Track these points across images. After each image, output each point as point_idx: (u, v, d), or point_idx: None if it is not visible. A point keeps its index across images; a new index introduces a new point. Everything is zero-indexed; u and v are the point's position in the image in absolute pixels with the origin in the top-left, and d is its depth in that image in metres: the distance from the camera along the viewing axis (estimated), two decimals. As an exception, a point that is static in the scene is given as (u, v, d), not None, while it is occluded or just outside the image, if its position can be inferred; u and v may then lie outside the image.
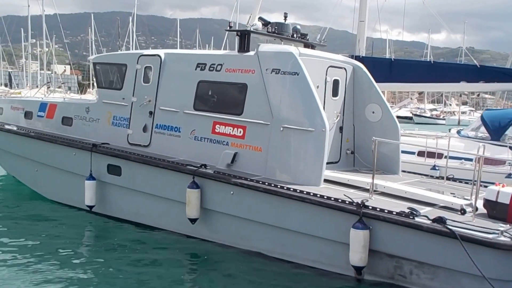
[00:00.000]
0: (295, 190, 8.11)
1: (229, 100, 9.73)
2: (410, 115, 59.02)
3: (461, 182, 10.15)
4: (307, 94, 8.82)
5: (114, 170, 10.43)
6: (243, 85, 9.45)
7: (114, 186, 10.56)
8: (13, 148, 12.61)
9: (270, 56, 9.28)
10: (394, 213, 7.21)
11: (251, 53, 9.60)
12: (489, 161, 13.30)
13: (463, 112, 56.35)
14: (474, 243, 6.57)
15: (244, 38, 9.78)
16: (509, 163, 13.38)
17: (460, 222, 6.92)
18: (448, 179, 10.23)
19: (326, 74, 9.96)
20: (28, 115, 12.82)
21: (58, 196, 11.91)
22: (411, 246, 7.16)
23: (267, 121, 9.07)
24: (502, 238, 6.51)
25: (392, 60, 17.93)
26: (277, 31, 10.36)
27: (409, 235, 7.10)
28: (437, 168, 13.37)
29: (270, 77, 9.11)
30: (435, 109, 60.27)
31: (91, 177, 10.58)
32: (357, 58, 17.20)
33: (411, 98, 18.96)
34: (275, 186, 8.31)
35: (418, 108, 62.16)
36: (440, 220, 6.86)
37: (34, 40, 49.85)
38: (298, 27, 10.96)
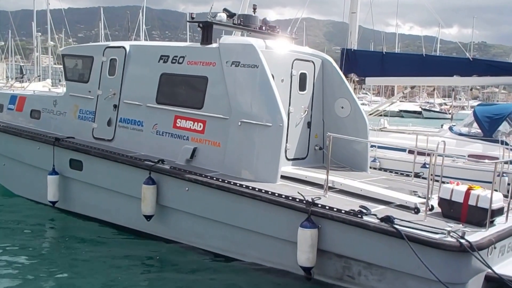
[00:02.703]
0: (247, 187, 7.81)
1: (190, 94, 9.46)
2: (419, 109, 58.08)
3: (436, 181, 9.72)
4: (265, 88, 8.49)
5: (76, 165, 10.23)
6: (203, 78, 9.16)
7: (76, 181, 10.36)
8: None
9: (231, 48, 8.98)
10: (343, 211, 6.87)
11: (214, 45, 9.32)
12: (481, 159, 12.81)
13: (473, 107, 54.99)
14: (420, 243, 6.22)
15: (206, 30, 9.48)
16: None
17: (409, 222, 6.57)
18: (417, 176, 9.84)
19: (292, 68, 9.61)
20: None
21: (25, 191, 11.75)
22: (359, 246, 6.83)
23: (226, 116, 8.78)
24: (449, 239, 6.14)
25: (384, 53, 17.45)
26: (243, 23, 10.03)
27: (357, 235, 6.77)
28: (427, 166, 12.90)
29: (230, 70, 8.81)
30: (444, 103, 59.29)
31: (54, 172, 10.38)
32: (349, 51, 16.82)
33: (403, 93, 18.42)
34: (228, 182, 8.03)
35: (428, 102, 61.16)
36: (387, 220, 6.52)
37: (41, 34, 50.16)
38: (268, 19, 10.63)
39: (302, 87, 9.83)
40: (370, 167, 10.80)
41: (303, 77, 9.83)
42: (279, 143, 8.26)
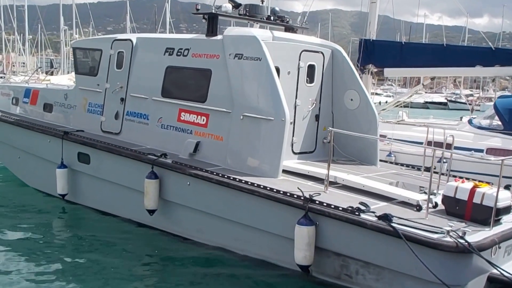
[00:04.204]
0: (246, 182, 7.67)
1: (194, 87, 9.35)
2: (445, 101, 56.62)
3: (443, 174, 9.38)
4: (268, 81, 8.30)
5: (83, 158, 10.28)
6: (207, 71, 9.04)
7: (84, 175, 10.42)
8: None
9: (234, 40, 8.82)
10: (340, 208, 6.66)
11: (218, 37, 9.17)
12: (501, 152, 12.31)
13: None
14: (417, 243, 5.97)
15: (211, 22, 9.34)
16: None
17: (408, 220, 6.31)
18: (428, 170, 9.46)
19: (300, 59, 9.39)
20: (15, 101, 12.87)
21: (38, 184, 11.91)
22: (356, 244, 6.61)
23: (229, 109, 8.64)
24: (447, 239, 5.87)
25: (403, 43, 16.95)
26: (249, 14, 9.86)
27: (355, 233, 6.55)
28: (444, 161, 12.46)
29: (233, 62, 8.66)
30: (471, 95, 57.69)
31: (63, 165, 10.46)
32: (367, 41, 16.40)
33: (423, 84, 17.84)
34: (228, 177, 7.90)
35: (454, 93, 59.53)
36: (385, 218, 6.28)
37: (67, 28, 50.88)
38: (277, 9, 10.42)
39: (310, 79, 9.61)
40: (386, 162, 10.53)
41: (311, 69, 9.60)
42: (281, 138, 8.07)
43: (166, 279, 7.74)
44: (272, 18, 10.14)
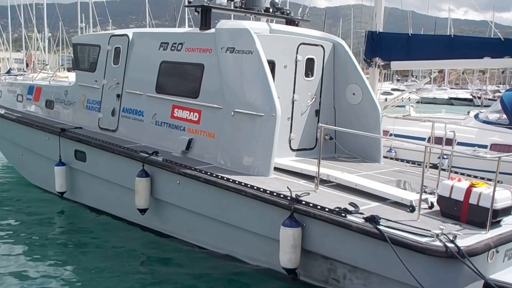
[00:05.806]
0: (234, 181, 7.37)
1: (187, 83, 9.10)
2: (470, 97, 55.20)
3: (445, 171, 8.91)
4: (259, 75, 7.98)
5: (80, 156, 10.14)
6: (200, 66, 8.77)
7: (81, 173, 10.28)
8: (3, 132, 12.68)
9: (225, 33, 8.53)
10: (326, 209, 6.32)
11: (211, 30, 8.90)
12: (505, 148, 11.73)
13: None
14: (404, 247, 5.59)
15: (205, 15, 9.07)
16: None
17: (396, 222, 5.94)
18: (435, 167, 9.00)
19: (297, 53, 9.06)
20: (19, 98, 12.85)
21: (39, 181, 11.86)
22: (343, 247, 6.26)
23: (220, 105, 8.37)
24: (436, 243, 5.48)
25: (410, 35, 16.40)
26: (246, 6, 9.56)
27: (341, 236, 6.20)
28: (445, 157, 11.93)
29: (224, 56, 8.38)
30: (498, 91, 55.99)
31: (61, 163, 10.33)
32: (373, 33, 15.91)
33: (430, 77, 17.19)
34: (216, 176, 7.62)
35: (480, 89, 57.96)
36: (371, 220, 5.92)
37: (84, 25, 51.22)
38: (276, 0, 10.09)
39: (309, 73, 9.27)
40: (389, 158, 10.12)
41: (310, 63, 9.25)
42: (272, 134, 7.75)
43: (160, 279, 7.51)
44: (271, 10, 9.82)
